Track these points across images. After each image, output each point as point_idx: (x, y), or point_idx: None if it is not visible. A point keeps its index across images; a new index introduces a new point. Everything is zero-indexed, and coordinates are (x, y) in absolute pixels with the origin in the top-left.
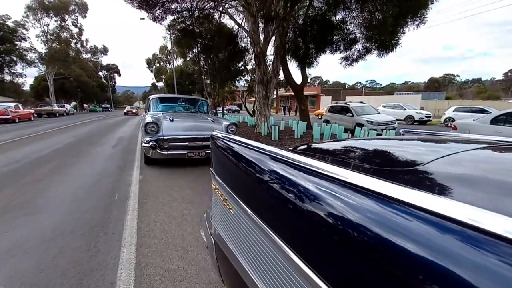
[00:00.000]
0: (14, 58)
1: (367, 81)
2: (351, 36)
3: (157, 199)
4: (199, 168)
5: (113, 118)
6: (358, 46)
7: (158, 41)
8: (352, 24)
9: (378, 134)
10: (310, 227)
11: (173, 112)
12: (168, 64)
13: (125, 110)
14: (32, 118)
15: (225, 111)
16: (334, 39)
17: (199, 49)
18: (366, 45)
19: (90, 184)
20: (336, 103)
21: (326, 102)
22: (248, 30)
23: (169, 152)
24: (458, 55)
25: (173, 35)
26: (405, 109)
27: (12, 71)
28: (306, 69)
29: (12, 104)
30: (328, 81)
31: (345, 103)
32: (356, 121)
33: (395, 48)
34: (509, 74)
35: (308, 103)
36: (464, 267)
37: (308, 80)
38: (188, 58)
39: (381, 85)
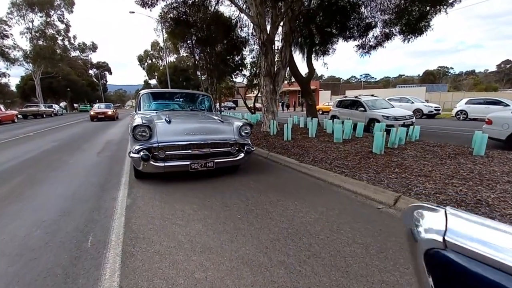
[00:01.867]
0: None
1: (361, 75)
2: (367, 20)
3: (152, 245)
4: (208, 183)
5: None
6: (376, 32)
7: (149, 37)
8: (369, 7)
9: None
10: None
11: (170, 111)
12: (160, 61)
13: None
14: (16, 120)
15: (221, 108)
16: (347, 24)
17: (194, 41)
18: (385, 31)
19: (55, 217)
20: (345, 97)
21: (325, 96)
22: (251, 15)
23: (166, 164)
24: (451, 48)
25: (165, 25)
26: (412, 102)
27: None
28: (322, 58)
29: None
30: (323, 75)
31: (356, 97)
32: (370, 116)
33: (426, 31)
34: (502, 66)
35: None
36: None
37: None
38: (182, 52)
39: (375, 79)
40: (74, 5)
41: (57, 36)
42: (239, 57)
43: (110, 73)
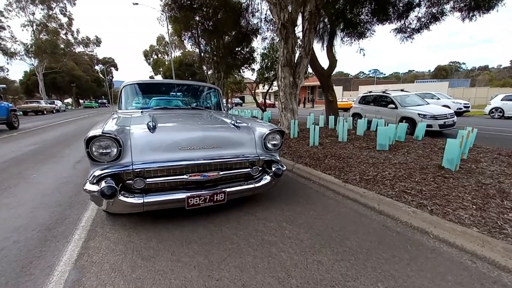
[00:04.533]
0: None
1: (370, 71)
2: None
3: None
4: (214, 227)
5: (105, 115)
6: (421, 11)
7: (155, 32)
8: None
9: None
10: None
11: (162, 110)
12: (166, 56)
13: None
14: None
15: (228, 105)
16: (384, 4)
17: (199, 30)
18: (433, 10)
19: None
20: (370, 92)
21: (337, 92)
22: None
23: (147, 200)
24: (462, 43)
25: (168, 10)
26: (438, 99)
27: None
28: (357, 42)
29: None
30: None
31: (384, 92)
32: (402, 114)
33: (496, 6)
34: None
35: (316, 95)
36: None
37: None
38: (186, 43)
39: (384, 74)
40: None
41: (59, 29)
42: (248, 48)
43: (116, 69)
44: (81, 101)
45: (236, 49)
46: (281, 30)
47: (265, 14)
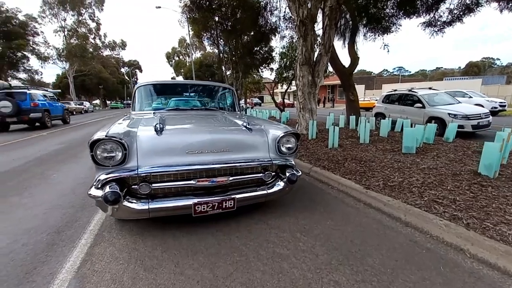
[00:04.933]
0: (26, 53)
1: (394, 68)
2: None
3: None
4: (223, 237)
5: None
6: (453, 2)
7: (177, 33)
8: None
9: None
10: None
11: (174, 111)
12: (187, 57)
13: None
14: None
15: (246, 105)
16: None
17: (218, 31)
18: (466, 1)
19: None
20: (395, 90)
21: (358, 91)
22: None
23: (153, 206)
24: (496, 35)
25: (187, 10)
26: (470, 97)
27: (27, 68)
28: (382, 38)
29: None
30: None
31: (410, 90)
32: (430, 114)
33: None
34: None
35: (336, 94)
36: None
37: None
38: (206, 43)
39: (410, 72)
40: (104, 3)
41: (88, 34)
42: (267, 48)
43: (141, 71)
44: (108, 102)
45: (255, 48)
46: (300, 27)
47: (284, 12)
